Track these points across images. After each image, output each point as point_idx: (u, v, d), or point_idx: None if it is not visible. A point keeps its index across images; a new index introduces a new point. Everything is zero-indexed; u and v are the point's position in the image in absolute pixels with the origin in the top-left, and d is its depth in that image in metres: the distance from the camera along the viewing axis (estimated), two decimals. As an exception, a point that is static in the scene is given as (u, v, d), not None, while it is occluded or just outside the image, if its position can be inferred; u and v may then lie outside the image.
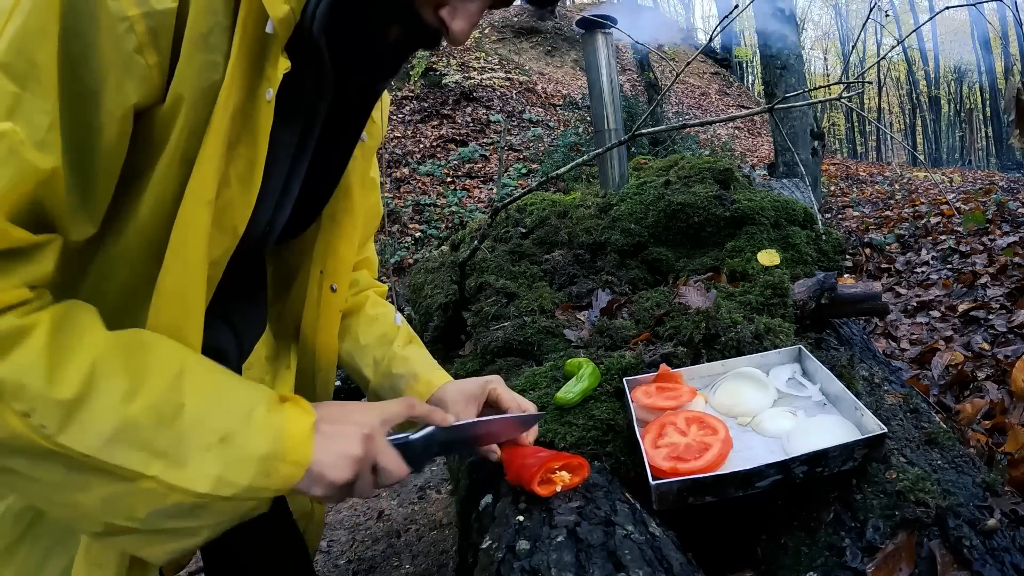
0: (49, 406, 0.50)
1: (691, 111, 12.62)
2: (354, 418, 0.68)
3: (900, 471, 0.82)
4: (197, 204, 0.59)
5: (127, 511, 0.55)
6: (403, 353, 0.96)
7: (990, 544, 0.72)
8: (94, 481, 0.53)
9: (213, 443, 0.57)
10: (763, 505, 0.86)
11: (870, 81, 5.56)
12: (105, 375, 0.54)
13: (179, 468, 0.55)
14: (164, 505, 0.55)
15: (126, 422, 0.53)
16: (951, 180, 8.74)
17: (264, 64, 0.60)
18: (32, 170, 0.50)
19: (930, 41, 25.91)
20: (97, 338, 0.56)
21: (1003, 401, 1.83)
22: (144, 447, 0.54)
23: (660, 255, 1.67)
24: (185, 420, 0.56)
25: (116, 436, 0.53)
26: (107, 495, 0.54)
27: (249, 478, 0.58)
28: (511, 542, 0.74)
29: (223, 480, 0.56)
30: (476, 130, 8.51)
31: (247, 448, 0.58)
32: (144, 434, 0.54)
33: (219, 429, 0.58)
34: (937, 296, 3.13)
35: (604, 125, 2.00)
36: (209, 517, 0.58)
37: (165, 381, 0.57)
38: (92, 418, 0.52)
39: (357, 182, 0.85)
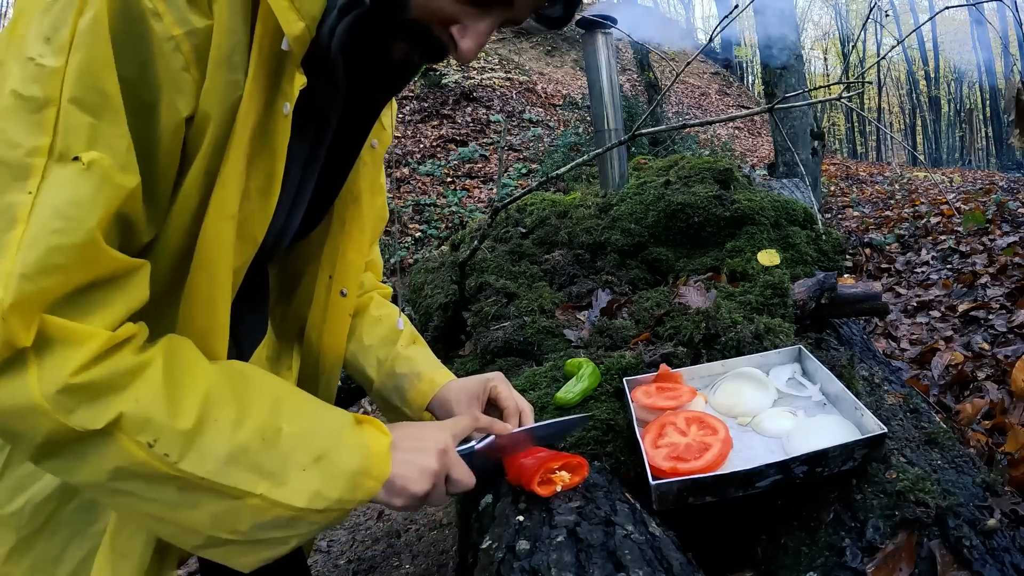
0: (172, 436, 0.55)
1: (691, 111, 12.61)
2: (430, 435, 0.74)
3: (900, 471, 0.82)
4: (220, 218, 0.62)
5: (232, 525, 0.60)
6: (406, 353, 0.98)
7: (990, 544, 0.72)
8: (205, 500, 0.58)
9: (309, 462, 0.63)
10: (763, 505, 0.86)
11: (870, 81, 5.56)
12: (217, 404, 0.59)
13: (281, 486, 0.60)
14: (265, 519, 0.60)
15: (238, 446, 0.59)
16: (951, 180, 8.73)
17: (281, 80, 0.62)
18: (121, 191, 0.54)
19: (930, 41, 25.91)
20: (205, 370, 0.61)
21: (1003, 401, 1.83)
22: (253, 468, 0.59)
23: (660, 255, 1.67)
24: (284, 442, 0.62)
25: (230, 459, 0.58)
26: (216, 512, 0.59)
27: (340, 492, 0.64)
28: (511, 542, 0.74)
29: (319, 495, 0.62)
30: (476, 130, 8.51)
31: (340, 466, 0.64)
32: (253, 457, 0.59)
33: (314, 449, 0.63)
34: (937, 296, 3.13)
35: (604, 125, 2.00)
36: (302, 527, 0.63)
37: (266, 407, 0.63)
38: (209, 444, 0.57)
39: (367, 188, 0.86)
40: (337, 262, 0.86)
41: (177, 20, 0.54)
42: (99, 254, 0.53)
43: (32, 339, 0.51)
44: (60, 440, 0.53)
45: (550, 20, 0.68)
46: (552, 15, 0.67)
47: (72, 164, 0.51)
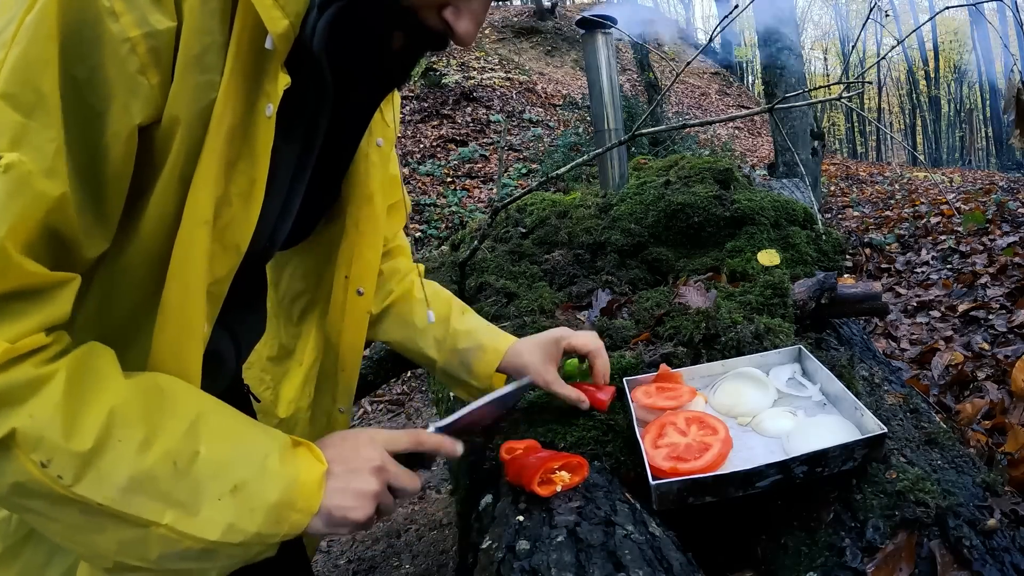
0: (66, 458, 0.52)
1: (691, 111, 12.61)
2: (363, 454, 0.69)
3: (900, 471, 0.82)
4: (195, 225, 0.58)
5: (139, 554, 0.56)
6: (464, 327, 0.99)
7: (990, 544, 0.72)
8: (109, 526, 0.54)
9: (226, 492, 0.58)
10: (763, 505, 0.86)
11: (870, 81, 5.55)
12: (122, 424, 0.55)
13: (191, 516, 0.56)
14: (176, 550, 0.56)
15: (142, 473, 0.54)
16: (951, 180, 8.73)
17: (262, 80, 0.59)
18: (43, 199, 0.50)
19: (930, 41, 25.91)
20: (114, 386, 0.56)
21: (1003, 401, 1.83)
22: (158, 497, 0.55)
23: (660, 255, 1.67)
24: (199, 469, 0.57)
25: (131, 487, 0.54)
26: (121, 539, 0.55)
27: (258, 525, 0.59)
28: (511, 542, 0.74)
29: (234, 528, 0.58)
30: (476, 130, 8.51)
31: (259, 497, 0.59)
32: (159, 484, 0.55)
33: (232, 478, 0.59)
34: (937, 296, 3.13)
35: (604, 125, 2.00)
36: (218, 560, 0.59)
37: (181, 429, 0.58)
38: (108, 469, 0.53)
39: (378, 188, 0.86)
40: (353, 263, 0.86)
41: (136, 21, 0.51)
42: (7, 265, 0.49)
43: None
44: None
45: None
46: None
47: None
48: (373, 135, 0.83)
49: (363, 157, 0.83)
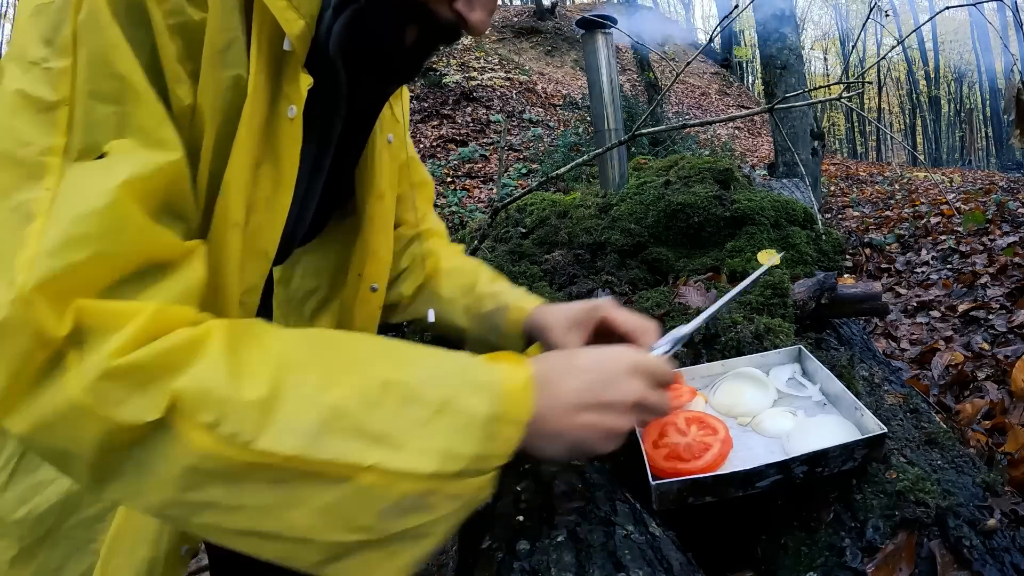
0: (240, 409, 0.45)
1: (691, 111, 12.61)
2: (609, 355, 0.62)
3: (900, 471, 0.82)
4: (226, 228, 0.57)
5: (349, 519, 0.48)
6: (490, 291, 0.95)
7: (990, 544, 0.72)
8: (306, 491, 0.47)
9: (430, 415, 0.50)
10: (763, 505, 0.86)
11: (870, 81, 5.55)
12: (294, 368, 0.49)
13: (398, 450, 0.48)
14: (390, 501, 0.48)
15: (330, 410, 0.47)
16: (951, 180, 8.73)
17: (282, 81, 0.58)
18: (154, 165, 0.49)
19: (930, 41, 25.91)
20: (275, 334, 0.52)
21: (1003, 401, 1.83)
22: (355, 434, 0.47)
23: (660, 255, 1.67)
24: (392, 396, 0.50)
25: (322, 428, 0.46)
26: (323, 505, 0.47)
27: (475, 446, 0.50)
28: (511, 542, 0.74)
29: (450, 453, 0.49)
30: (476, 130, 8.51)
31: (468, 413, 0.51)
32: (352, 419, 0.48)
33: (433, 398, 0.51)
34: (937, 296, 3.13)
35: (604, 125, 2.00)
36: (440, 507, 0.50)
37: (359, 362, 0.52)
38: (291, 414, 0.46)
39: (389, 185, 0.85)
40: (367, 260, 0.85)
41: (174, 9, 0.51)
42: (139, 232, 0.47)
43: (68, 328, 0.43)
44: (114, 447, 0.45)
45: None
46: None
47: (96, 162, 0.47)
48: (383, 131, 0.83)
49: (374, 153, 0.83)
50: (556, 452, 0.58)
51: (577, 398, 0.58)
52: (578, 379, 0.59)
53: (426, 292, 1.01)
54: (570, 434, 0.57)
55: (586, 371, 0.59)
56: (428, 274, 1.01)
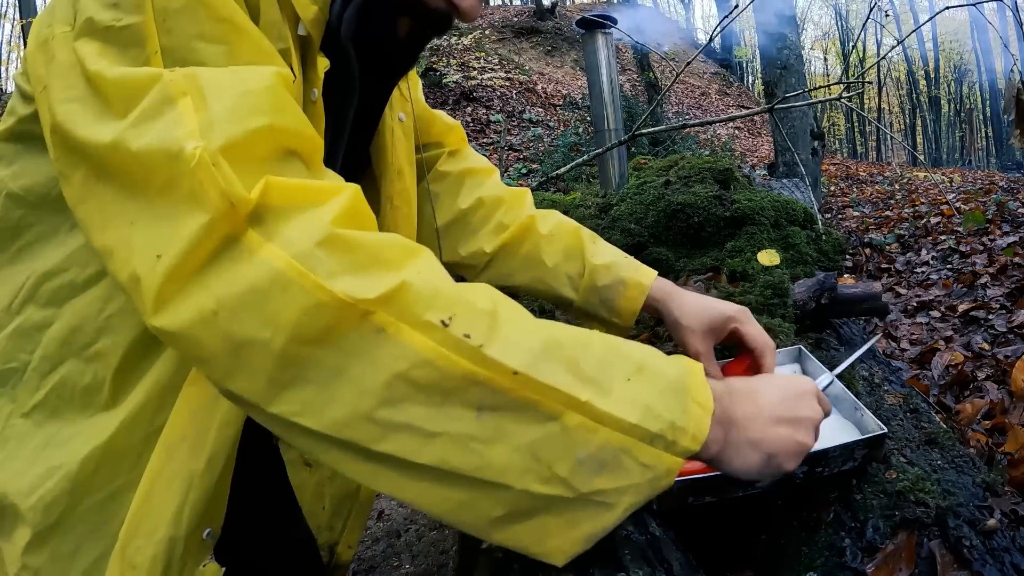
0: (474, 313, 0.43)
1: (691, 111, 12.62)
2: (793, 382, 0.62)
3: (900, 471, 0.82)
4: None
5: (550, 464, 0.44)
6: (601, 261, 0.92)
7: (990, 544, 0.72)
8: (512, 423, 0.43)
9: (632, 371, 0.48)
10: (763, 505, 0.86)
11: (870, 81, 5.56)
12: (504, 303, 0.47)
13: (607, 395, 0.46)
14: (591, 449, 0.45)
15: (550, 339, 0.45)
16: (951, 180, 8.73)
17: (305, 66, 0.61)
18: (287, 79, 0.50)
19: (930, 41, 25.92)
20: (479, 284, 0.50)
21: (1003, 401, 1.82)
22: (571, 368, 0.45)
23: (660, 255, 1.67)
24: (597, 346, 0.48)
25: (545, 353, 0.44)
26: (528, 443, 0.44)
27: (671, 411, 0.49)
28: (511, 542, 0.74)
29: (651, 411, 0.47)
30: (476, 130, 8.51)
31: (665, 376, 0.50)
32: (569, 354, 0.46)
33: (634, 359, 0.49)
34: (937, 296, 3.13)
35: (604, 125, 2.00)
36: (632, 472, 0.47)
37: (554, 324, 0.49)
38: (516, 332, 0.44)
39: (407, 162, 0.85)
40: None
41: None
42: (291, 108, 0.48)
43: (257, 198, 0.40)
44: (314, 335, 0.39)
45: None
46: None
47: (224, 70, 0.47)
48: (394, 110, 0.84)
49: (388, 132, 0.83)
50: (749, 463, 0.56)
51: (778, 411, 0.58)
52: (776, 395, 0.59)
53: (520, 256, 0.95)
54: (768, 444, 0.56)
55: (779, 388, 0.61)
56: (516, 234, 0.96)
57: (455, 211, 0.97)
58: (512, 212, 0.98)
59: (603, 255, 0.94)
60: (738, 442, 0.55)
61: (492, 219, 0.96)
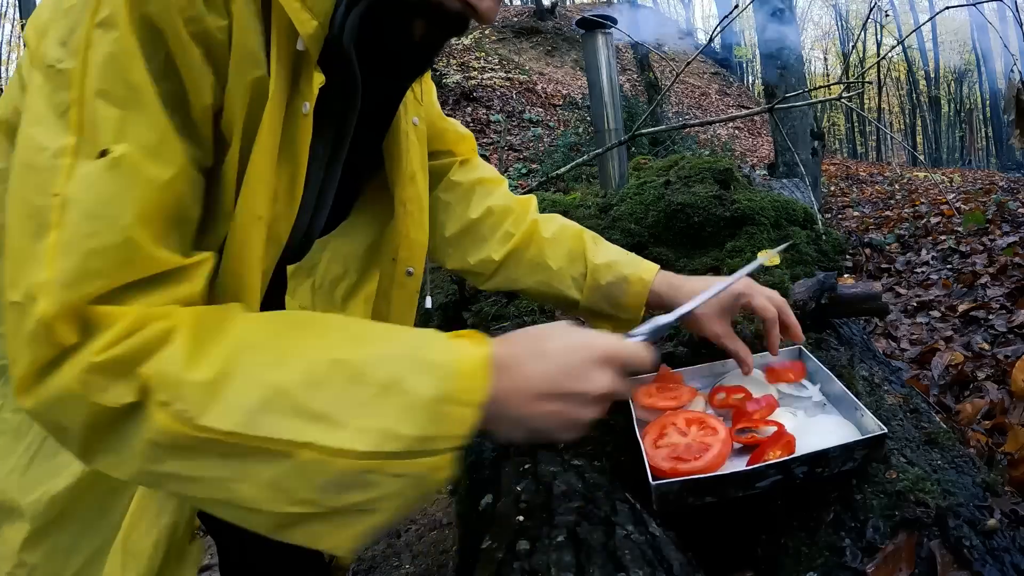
0: (188, 389, 0.49)
1: (691, 111, 12.62)
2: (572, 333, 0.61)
3: (900, 471, 0.82)
4: (251, 220, 0.59)
5: (292, 493, 0.50)
6: (602, 260, 0.95)
7: (990, 544, 0.72)
8: (252, 466, 0.49)
9: (372, 395, 0.51)
10: (763, 505, 0.86)
11: (870, 81, 5.57)
12: (249, 349, 0.52)
13: (338, 429, 0.50)
14: (329, 476, 0.50)
15: (271, 389, 0.50)
16: (951, 180, 8.73)
17: (299, 79, 0.61)
18: (156, 183, 0.52)
19: (930, 41, 25.92)
20: (241, 320, 0.55)
21: (1003, 401, 1.82)
22: (294, 412, 0.49)
23: (660, 255, 1.67)
24: (338, 376, 0.51)
25: (261, 407, 0.49)
26: (268, 479, 0.50)
27: (418, 427, 0.51)
28: (511, 542, 0.74)
29: (389, 433, 0.50)
30: (476, 130, 8.51)
31: (412, 393, 0.51)
32: (293, 398, 0.50)
33: (378, 378, 0.52)
34: (937, 296, 3.13)
35: (604, 125, 2.00)
36: (384, 484, 0.51)
37: (314, 343, 0.54)
38: (236, 393, 0.49)
39: (419, 167, 0.86)
40: (401, 244, 0.86)
41: (194, 18, 0.53)
42: (138, 255, 0.50)
43: (76, 336, 0.49)
44: (99, 425, 0.49)
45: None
46: None
47: (99, 160, 0.50)
48: (408, 114, 0.84)
49: (402, 136, 0.83)
50: (515, 436, 0.58)
51: (542, 385, 0.57)
52: (546, 365, 0.58)
53: (525, 261, 0.98)
54: (531, 420, 0.57)
55: (555, 357, 0.59)
56: (523, 240, 0.98)
57: (465, 220, 0.99)
58: (519, 220, 1.00)
59: (605, 254, 0.96)
60: (500, 418, 0.56)
61: (500, 228, 0.98)
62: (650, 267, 0.95)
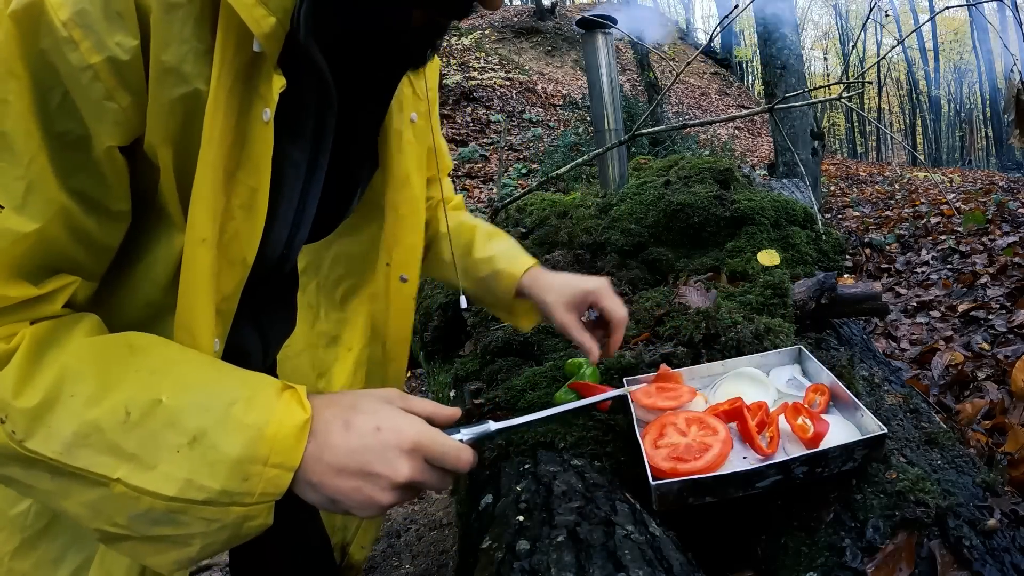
0: (16, 414, 0.51)
1: (691, 111, 12.62)
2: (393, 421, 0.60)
3: (900, 471, 0.82)
4: (194, 243, 0.57)
5: (109, 517, 0.53)
6: (482, 256, 0.99)
7: (990, 544, 0.72)
8: (73, 487, 0.53)
9: (183, 444, 0.53)
10: (763, 505, 0.86)
11: (870, 81, 5.57)
12: (73, 380, 0.53)
13: (146, 471, 0.52)
14: (139, 510, 0.52)
15: (87, 425, 0.52)
16: (951, 180, 8.73)
17: (257, 83, 0.56)
18: (15, 235, 0.51)
19: (930, 41, 25.92)
20: (74, 345, 0.55)
21: (1003, 401, 1.83)
22: (106, 450, 0.52)
23: (660, 255, 1.67)
24: (157, 419, 0.53)
25: (76, 440, 0.52)
26: (87, 501, 0.53)
27: (221, 482, 0.52)
28: (511, 542, 0.74)
29: (192, 484, 0.52)
30: (476, 130, 8.51)
31: (218, 450, 0.53)
32: (106, 436, 0.52)
33: (190, 428, 0.53)
34: (937, 296, 3.13)
35: (604, 125, 2.00)
36: (192, 525, 0.53)
37: (141, 380, 0.54)
38: (56, 423, 0.52)
39: (415, 168, 0.83)
40: (394, 249, 0.85)
41: (95, 46, 0.48)
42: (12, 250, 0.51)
43: None
44: None
45: None
46: None
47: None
48: (404, 111, 0.80)
49: (393, 136, 0.79)
50: (315, 501, 0.58)
51: (343, 459, 0.56)
52: (351, 441, 0.57)
53: (430, 255, 1.02)
54: (327, 491, 0.56)
55: (363, 435, 0.58)
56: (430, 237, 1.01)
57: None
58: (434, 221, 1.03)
59: (487, 249, 1.00)
60: (303, 481, 0.56)
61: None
62: (523, 263, 0.98)
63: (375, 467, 0.57)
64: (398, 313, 0.89)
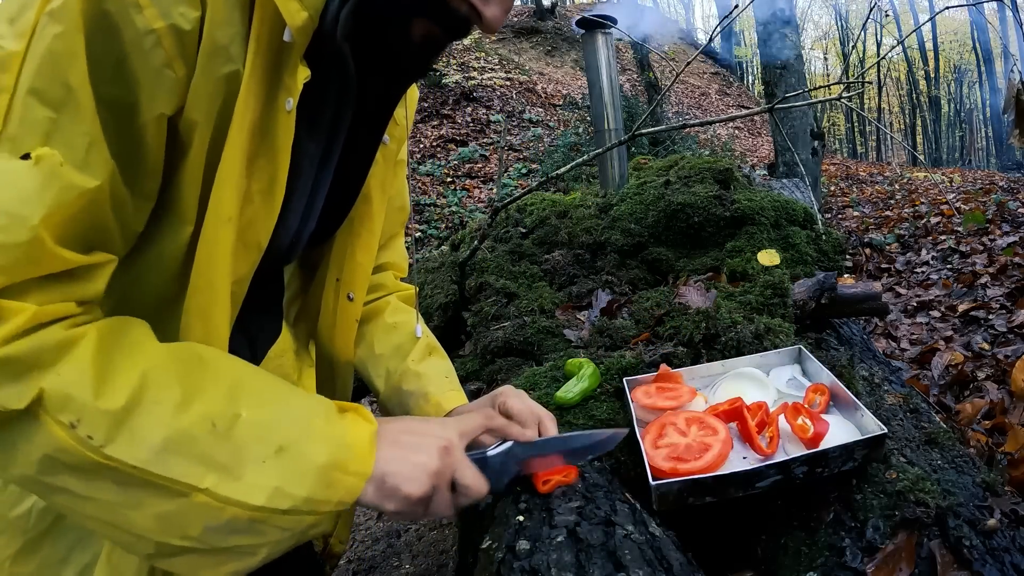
0: (96, 416, 0.49)
1: (691, 111, 12.62)
2: (431, 430, 0.65)
3: (900, 471, 0.82)
4: (219, 222, 0.58)
5: (181, 529, 0.52)
6: (417, 369, 0.91)
7: (990, 544, 0.72)
8: (147, 498, 0.51)
9: (270, 454, 0.54)
10: (763, 505, 0.86)
11: (870, 81, 5.57)
12: (156, 385, 0.52)
13: (234, 480, 0.52)
14: (220, 521, 0.52)
15: (178, 432, 0.51)
16: (951, 180, 8.73)
17: (282, 73, 0.58)
18: (76, 190, 0.50)
19: (930, 41, 25.91)
20: (149, 349, 0.55)
21: (1003, 401, 1.83)
22: (197, 459, 0.52)
23: (660, 255, 1.67)
24: (241, 431, 0.54)
25: (167, 447, 0.51)
26: (161, 512, 0.52)
27: (307, 489, 0.55)
28: (511, 542, 0.74)
29: (280, 492, 0.54)
30: (476, 130, 8.52)
31: (306, 458, 0.56)
32: (197, 445, 0.52)
33: (276, 440, 0.55)
34: (937, 296, 3.13)
35: (604, 125, 2.00)
36: (268, 534, 0.55)
37: (221, 392, 0.55)
38: (142, 428, 0.50)
39: (377, 187, 0.82)
40: (345, 264, 0.83)
41: (161, 12, 0.50)
42: (43, 254, 0.49)
43: None
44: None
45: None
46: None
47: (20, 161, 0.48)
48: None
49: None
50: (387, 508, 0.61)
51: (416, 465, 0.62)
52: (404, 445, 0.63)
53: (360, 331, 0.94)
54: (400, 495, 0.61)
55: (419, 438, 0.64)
56: (368, 312, 0.97)
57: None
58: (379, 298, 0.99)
59: (424, 366, 0.92)
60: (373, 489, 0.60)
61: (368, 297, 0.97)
62: (455, 399, 0.88)
63: (418, 454, 0.62)
64: (344, 330, 0.86)
